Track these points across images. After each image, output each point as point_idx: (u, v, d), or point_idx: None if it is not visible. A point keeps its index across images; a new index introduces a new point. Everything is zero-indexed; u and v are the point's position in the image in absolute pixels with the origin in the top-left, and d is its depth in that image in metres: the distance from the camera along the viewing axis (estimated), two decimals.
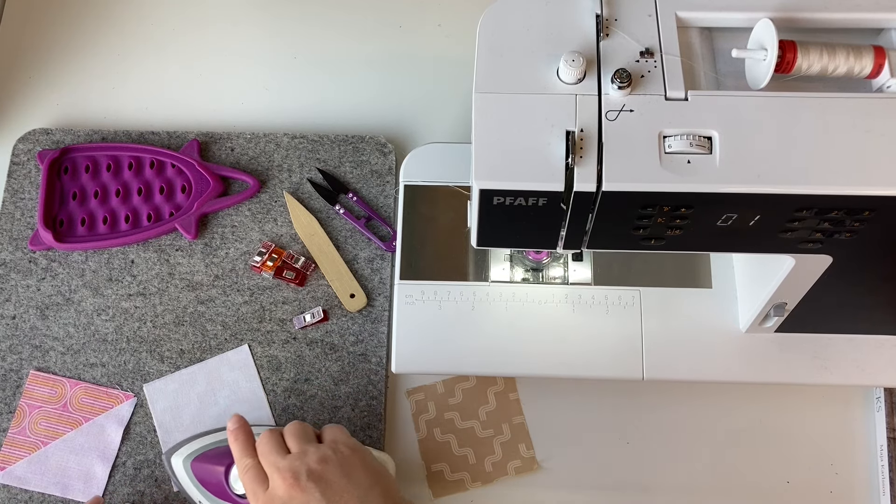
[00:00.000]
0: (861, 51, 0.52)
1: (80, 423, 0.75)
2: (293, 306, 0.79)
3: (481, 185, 0.51)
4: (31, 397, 0.76)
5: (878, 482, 0.74)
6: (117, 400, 0.76)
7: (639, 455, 0.75)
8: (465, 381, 0.77)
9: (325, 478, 0.58)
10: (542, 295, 0.74)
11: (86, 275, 0.80)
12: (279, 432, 0.63)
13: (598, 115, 0.51)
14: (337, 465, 0.59)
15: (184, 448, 0.69)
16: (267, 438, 0.62)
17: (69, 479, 0.73)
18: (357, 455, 0.61)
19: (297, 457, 0.60)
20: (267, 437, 0.62)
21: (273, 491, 0.59)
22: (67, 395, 0.76)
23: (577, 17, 0.54)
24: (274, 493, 0.59)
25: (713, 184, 0.50)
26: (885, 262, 0.60)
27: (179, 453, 0.69)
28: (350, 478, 0.59)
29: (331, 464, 0.59)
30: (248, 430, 0.64)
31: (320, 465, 0.59)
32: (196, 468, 0.68)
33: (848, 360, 0.72)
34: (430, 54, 0.90)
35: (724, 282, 0.74)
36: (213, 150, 0.84)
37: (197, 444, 0.69)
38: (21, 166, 0.83)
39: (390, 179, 0.83)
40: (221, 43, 0.91)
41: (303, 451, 0.60)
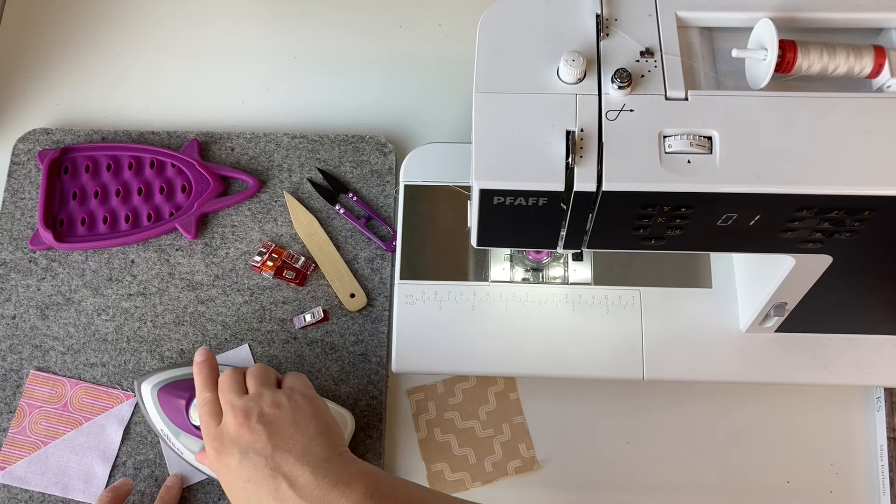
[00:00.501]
0: (861, 50, 0.52)
1: (81, 422, 0.75)
2: (293, 306, 0.79)
3: (481, 185, 0.51)
4: (31, 397, 0.76)
5: (878, 482, 0.74)
6: (117, 400, 0.76)
7: (639, 455, 0.75)
8: (465, 381, 0.77)
9: (274, 422, 0.60)
10: (543, 295, 0.74)
11: (86, 275, 0.80)
12: (242, 372, 0.65)
13: (599, 115, 0.51)
14: (289, 410, 0.61)
15: (154, 376, 0.72)
16: (228, 376, 0.64)
17: (69, 478, 0.73)
18: (310, 404, 0.62)
19: (252, 398, 0.62)
20: (228, 375, 0.64)
21: (224, 427, 0.61)
22: (67, 394, 0.76)
23: (578, 17, 0.54)
24: (224, 430, 0.61)
25: (713, 184, 0.50)
26: (885, 262, 0.60)
27: (148, 381, 0.72)
28: (298, 425, 0.60)
29: (283, 409, 0.61)
30: (213, 364, 0.66)
31: (272, 409, 0.61)
32: (161, 397, 0.71)
33: (848, 360, 0.72)
34: (430, 54, 0.90)
35: (725, 282, 0.74)
36: (213, 149, 0.84)
37: (167, 375, 0.72)
38: (21, 166, 0.84)
39: (390, 179, 0.83)
40: (221, 42, 0.91)
41: (259, 393, 0.62)
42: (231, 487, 0.60)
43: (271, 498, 0.57)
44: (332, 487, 0.57)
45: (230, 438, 0.60)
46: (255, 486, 0.58)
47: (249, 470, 0.58)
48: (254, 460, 0.58)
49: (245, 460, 0.59)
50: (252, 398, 0.62)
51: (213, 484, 0.73)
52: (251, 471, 0.58)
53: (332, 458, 0.59)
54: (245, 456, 0.59)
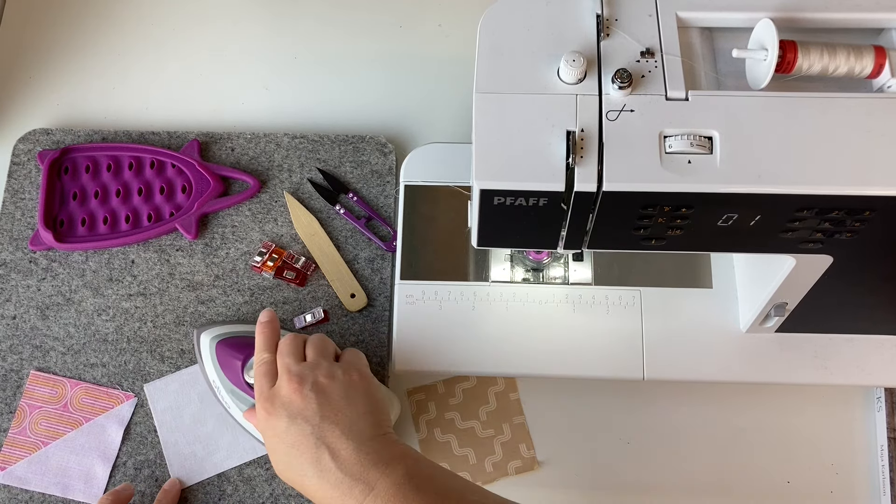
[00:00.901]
0: (861, 51, 0.52)
1: (81, 423, 0.75)
2: (293, 306, 0.79)
3: (482, 186, 0.51)
4: (31, 397, 0.76)
5: (878, 482, 0.74)
6: (118, 400, 0.76)
7: (639, 455, 0.75)
8: (465, 381, 0.77)
9: (326, 392, 0.61)
10: (543, 295, 0.74)
11: (86, 275, 0.80)
12: (303, 339, 0.66)
13: (599, 115, 0.51)
14: (342, 384, 0.62)
15: (214, 328, 0.73)
16: (289, 341, 0.65)
17: (70, 479, 0.73)
18: (364, 381, 0.64)
19: (309, 366, 0.63)
20: (289, 340, 0.65)
21: (277, 389, 0.62)
22: (68, 395, 0.76)
23: (578, 17, 0.54)
24: (277, 392, 0.62)
25: (714, 184, 0.50)
26: (885, 262, 0.60)
27: (209, 332, 0.72)
28: (349, 399, 0.61)
29: (336, 381, 0.62)
30: (276, 326, 0.67)
31: (326, 380, 0.62)
32: (220, 350, 0.71)
33: (848, 360, 0.72)
34: (430, 54, 0.90)
35: (725, 282, 0.74)
36: (213, 150, 0.84)
37: (227, 329, 0.73)
38: (21, 166, 0.83)
39: (391, 179, 0.83)
40: (221, 43, 0.91)
41: (316, 362, 0.63)
42: (275, 450, 0.61)
43: (312, 466, 0.58)
44: (373, 465, 0.57)
45: (281, 401, 0.61)
46: (299, 452, 0.59)
47: (295, 435, 0.59)
48: (301, 427, 0.59)
49: (292, 425, 0.59)
50: (308, 366, 0.63)
51: (213, 484, 0.73)
52: (297, 436, 0.59)
53: (377, 436, 0.60)
54: (293, 421, 0.60)
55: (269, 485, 0.73)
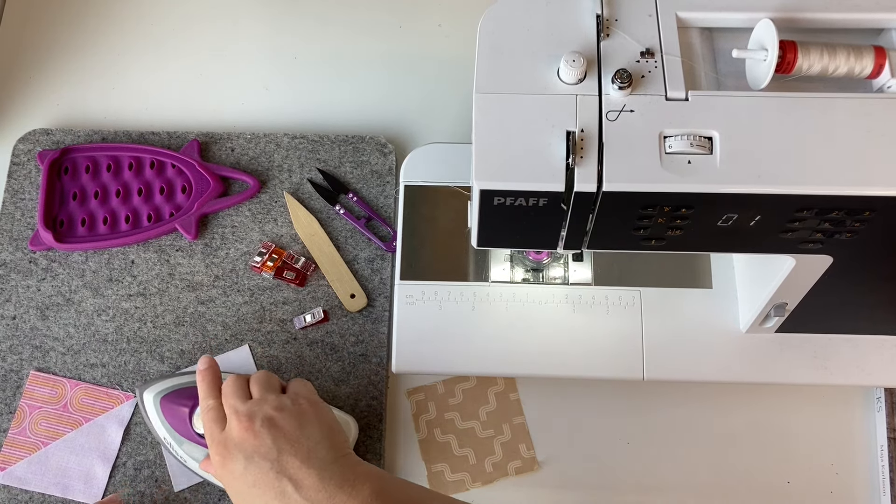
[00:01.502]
0: (861, 51, 0.52)
1: (81, 423, 0.75)
2: (293, 307, 0.79)
3: (482, 186, 0.51)
4: (31, 398, 0.76)
5: (878, 482, 0.74)
6: (117, 400, 0.76)
7: (639, 455, 0.75)
8: (465, 382, 0.77)
9: (278, 425, 0.60)
10: (543, 295, 0.74)
11: (86, 275, 0.80)
12: (245, 378, 0.65)
13: (599, 116, 0.51)
14: (292, 415, 0.61)
15: (157, 385, 0.72)
16: (231, 382, 0.64)
17: (69, 479, 0.73)
18: (314, 408, 0.63)
19: (255, 403, 0.62)
20: (231, 382, 0.64)
21: (228, 432, 0.61)
22: (68, 395, 0.76)
23: (578, 18, 0.54)
24: (228, 435, 0.61)
25: (713, 184, 0.50)
26: (885, 263, 0.60)
27: (151, 389, 0.71)
28: (303, 428, 0.60)
29: (286, 413, 0.61)
30: (216, 372, 0.66)
31: (276, 413, 0.61)
32: (164, 405, 0.70)
33: (848, 360, 0.72)
34: (430, 54, 0.90)
35: (725, 282, 0.74)
36: (213, 150, 0.84)
37: (169, 383, 0.72)
38: (21, 167, 0.83)
39: (390, 180, 0.83)
40: (221, 43, 0.91)
41: (263, 398, 0.62)
42: (237, 493, 0.59)
43: (277, 501, 0.57)
44: (339, 489, 0.57)
45: (234, 443, 0.60)
46: (261, 490, 0.58)
47: (255, 474, 0.58)
48: (259, 464, 0.58)
49: (250, 465, 0.58)
50: (256, 403, 0.62)
51: (213, 485, 0.73)
52: (256, 475, 0.58)
53: (338, 459, 0.59)
54: (250, 460, 0.58)
55: None
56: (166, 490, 0.73)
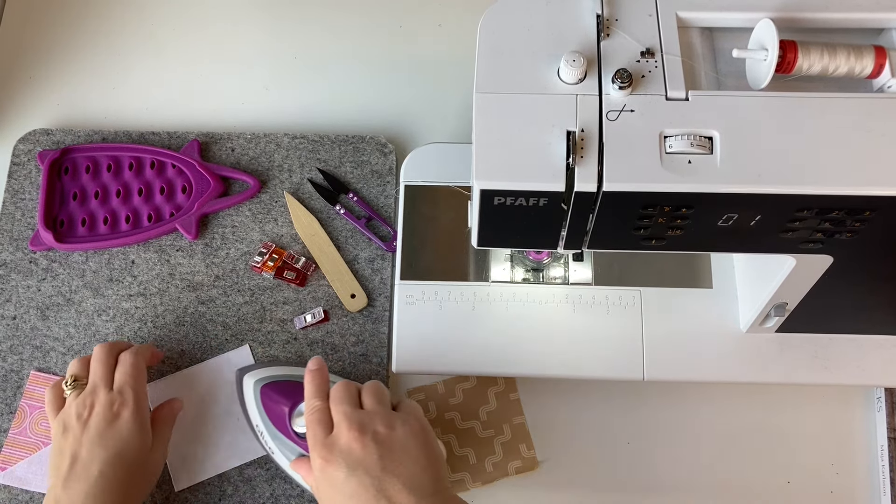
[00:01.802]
0: (862, 51, 0.52)
1: None
2: (294, 307, 0.79)
3: (482, 186, 0.51)
4: (31, 398, 0.76)
5: (878, 482, 0.74)
6: None
7: (639, 455, 0.75)
8: (465, 382, 0.77)
9: (386, 443, 0.58)
10: (543, 295, 0.74)
11: (86, 275, 0.80)
12: (356, 386, 0.63)
13: (599, 115, 0.51)
14: (403, 435, 0.59)
15: (259, 371, 0.70)
16: (343, 388, 0.62)
17: None
18: (423, 433, 0.61)
19: (367, 414, 0.60)
20: (343, 387, 0.63)
21: (335, 438, 0.59)
22: None
23: (578, 17, 0.54)
24: (336, 441, 0.59)
25: (714, 184, 0.50)
26: (885, 262, 0.60)
27: (253, 374, 0.70)
28: (410, 452, 0.59)
29: (397, 432, 0.59)
30: (325, 375, 0.65)
31: (386, 430, 0.59)
32: (265, 394, 0.69)
33: (848, 360, 0.72)
34: (430, 54, 0.90)
35: (725, 282, 0.74)
36: (213, 150, 0.84)
37: (272, 371, 0.70)
38: (21, 167, 0.84)
39: (391, 179, 0.83)
40: (222, 43, 0.91)
41: (375, 410, 0.61)
42: (330, 499, 0.58)
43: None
44: None
45: (340, 450, 0.58)
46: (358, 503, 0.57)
47: (354, 486, 0.57)
48: (360, 478, 0.57)
49: (352, 476, 0.57)
50: (367, 414, 0.60)
51: (213, 485, 0.73)
52: (356, 487, 0.57)
53: (438, 492, 0.58)
54: (353, 471, 0.57)
55: (269, 485, 0.73)
56: (166, 491, 0.73)
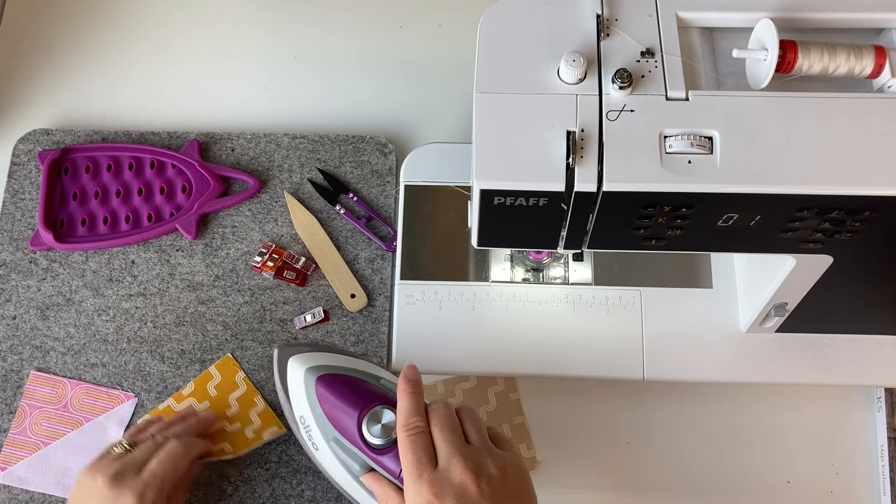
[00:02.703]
0: (862, 51, 0.52)
1: (81, 423, 0.75)
2: (294, 306, 0.79)
3: (482, 186, 0.51)
4: (31, 398, 0.76)
5: (878, 482, 0.74)
6: (118, 400, 0.76)
7: (639, 455, 0.75)
8: (465, 381, 0.77)
9: (500, 488, 0.54)
10: (543, 295, 0.74)
11: (86, 275, 0.80)
12: (454, 410, 0.58)
13: (599, 115, 0.51)
14: (514, 481, 0.56)
15: (307, 356, 0.61)
16: (447, 412, 0.57)
17: (70, 479, 0.73)
18: (527, 478, 0.58)
19: (479, 452, 0.56)
20: (449, 413, 0.57)
21: (446, 474, 0.54)
22: (68, 395, 0.76)
23: (578, 17, 0.54)
24: (447, 477, 0.54)
25: (714, 184, 0.50)
26: (885, 262, 0.60)
27: (301, 358, 0.61)
28: (520, 499, 0.56)
29: (509, 477, 0.55)
30: (421, 387, 0.59)
31: (499, 473, 0.55)
32: (322, 388, 0.60)
33: (848, 360, 0.72)
34: (430, 54, 0.90)
35: (725, 282, 0.74)
36: (213, 150, 0.84)
37: (325, 360, 0.61)
38: (21, 167, 0.83)
39: (391, 179, 0.83)
40: (222, 43, 0.91)
41: (485, 447, 0.56)
42: None
43: None
44: None
45: (454, 489, 0.53)
46: None
47: None
48: None
49: None
50: (479, 452, 0.56)
51: (213, 484, 0.73)
52: None
53: None
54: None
55: (269, 485, 0.73)
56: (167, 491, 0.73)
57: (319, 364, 0.60)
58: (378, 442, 0.58)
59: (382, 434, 0.58)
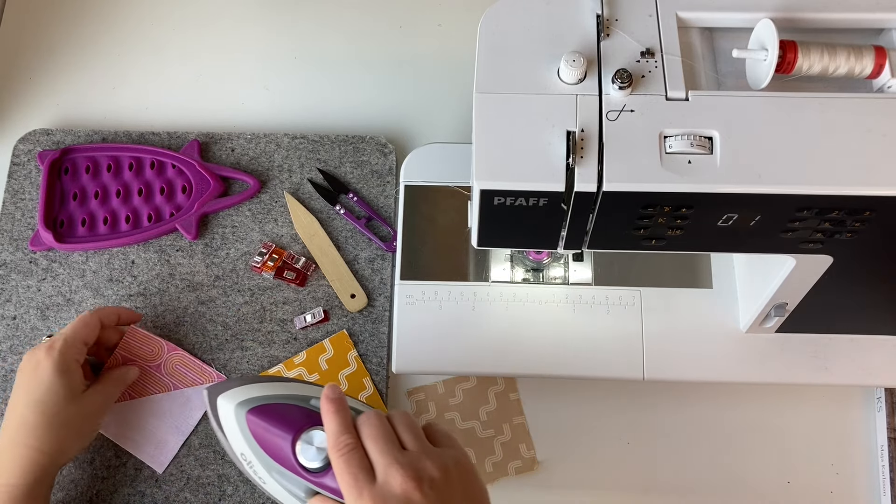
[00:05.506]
0: (861, 51, 0.52)
1: (170, 388, 0.75)
2: (294, 307, 0.79)
3: (482, 186, 0.51)
4: (126, 349, 0.75)
5: (878, 482, 0.74)
6: (209, 377, 0.76)
7: (639, 455, 0.75)
8: (465, 382, 0.77)
9: (446, 489, 0.52)
10: (543, 295, 0.74)
11: (86, 275, 0.80)
12: (388, 419, 0.56)
13: (599, 116, 0.51)
14: (458, 480, 0.54)
15: (236, 391, 0.60)
16: (380, 423, 0.55)
17: (144, 438, 0.74)
18: (472, 471, 0.56)
19: (417, 456, 0.53)
20: (380, 422, 0.55)
21: (387, 487, 0.52)
22: (164, 356, 0.76)
23: (578, 18, 0.54)
24: (388, 490, 0.52)
25: (714, 184, 0.50)
26: (885, 262, 0.60)
27: (229, 396, 0.60)
28: (467, 496, 0.54)
29: (452, 476, 0.53)
30: (346, 404, 0.57)
31: (441, 474, 0.53)
32: (252, 420, 0.59)
33: (848, 360, 0.72)
34: (430, 54, 0.90)
35: (725, 282, 0.74)
36: (213, 150, 0.84)
37: (254, 392, 0.60)
38: (21, 167, 0.83)
39: (391, 179, 0.83)
40: (221, 43, 0.91)
41: (422, 450, 0.54)
42: None
43: None
44: None
45: (397, 500, 0.51)
46: None
47: None
48: None
49: None
50: (416, 457, 0.53)
51: (214, 485, 0.73)
52: None
53: None
54: None
55: None
56: (167, 490, 0.73)
57: (247, 397, 0.59)
58: (315, 465, 0.57)
59: (318, 456, 0.56)
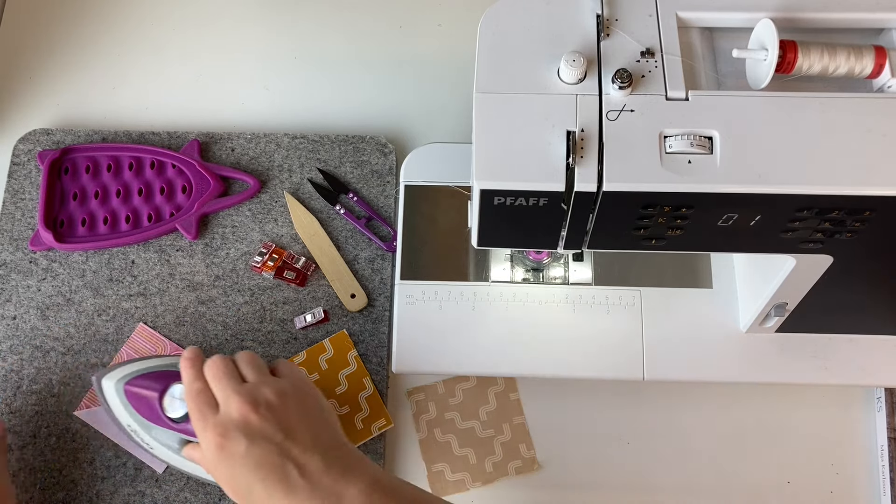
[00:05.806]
0: (862, 51, 0.52)
1: None
2: (294, 307, 0.79)
3: (482, 186, 0.51)
4: (133, 347, 0.76)
5: (878, 482, 0.74)
6: None
7: (639, 455, 0.75)
8: (465, 382, 0.77)
9: (280, 410, 0.59)
10: (543, 295, 0.74)
11: (86, 275, 0.80)
12: (231, 359, 0.63)
13: (599, 115, 0.51)
14: (295, 400, 0.60)
15: (117, 371, 0.68)
16: (220, 364, 0.62)
17: None
18: (314, 394, 0.62)
19: (254, 386, 0.60)
20: (220, 362, 0.62)
21: (227, 415, 0.59)
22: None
23: (578, 17, 0.54)
24: (227, 417, 0.59)
25: (714, 184, 0.50)
26: (885, 262, 0.60)
27: (111, 376, 0.68)
28: (305, 413, 0.59)
29: (289, 398, 0.60)
30: (201, 357, 0.64)
31: (279, 398, 0.59)
32: (129, 391, 0.67)
33: (848, 360, 0.72)
34: (430, 54, 0.90)
35: (725, 282, 0.74)
36: (213, 150, 0.84)
37: (131, 368, 0.68)
38: (21, 167, 0.83)
39: (391, 179, 0.83)
40: (222, 43, 0.91)
41: (260, 381, 0.61)
42: (234, 476, 0.58)
43: (280, 484, 0.56)
44: (341, 475, 0.56)
45: (235, 425, 0.58)
46: (264, 473, 0.56)
47: (258, 456, 0.57)
48: (263, 447, 0.57)
49: (253, 446, 0.57)
50: (254, 386, 0.60)
51: (214, 484, 0.73)
52: (260, 457, 0.57)
53: (340, 445, 0.59)
54: (253, 442, 0.57)
55: None
56: (167, 490, 0.73)
57: (126, 373, 0.67)
58: (178, 414, 0.64)
59: (181, 406, 0.64)
